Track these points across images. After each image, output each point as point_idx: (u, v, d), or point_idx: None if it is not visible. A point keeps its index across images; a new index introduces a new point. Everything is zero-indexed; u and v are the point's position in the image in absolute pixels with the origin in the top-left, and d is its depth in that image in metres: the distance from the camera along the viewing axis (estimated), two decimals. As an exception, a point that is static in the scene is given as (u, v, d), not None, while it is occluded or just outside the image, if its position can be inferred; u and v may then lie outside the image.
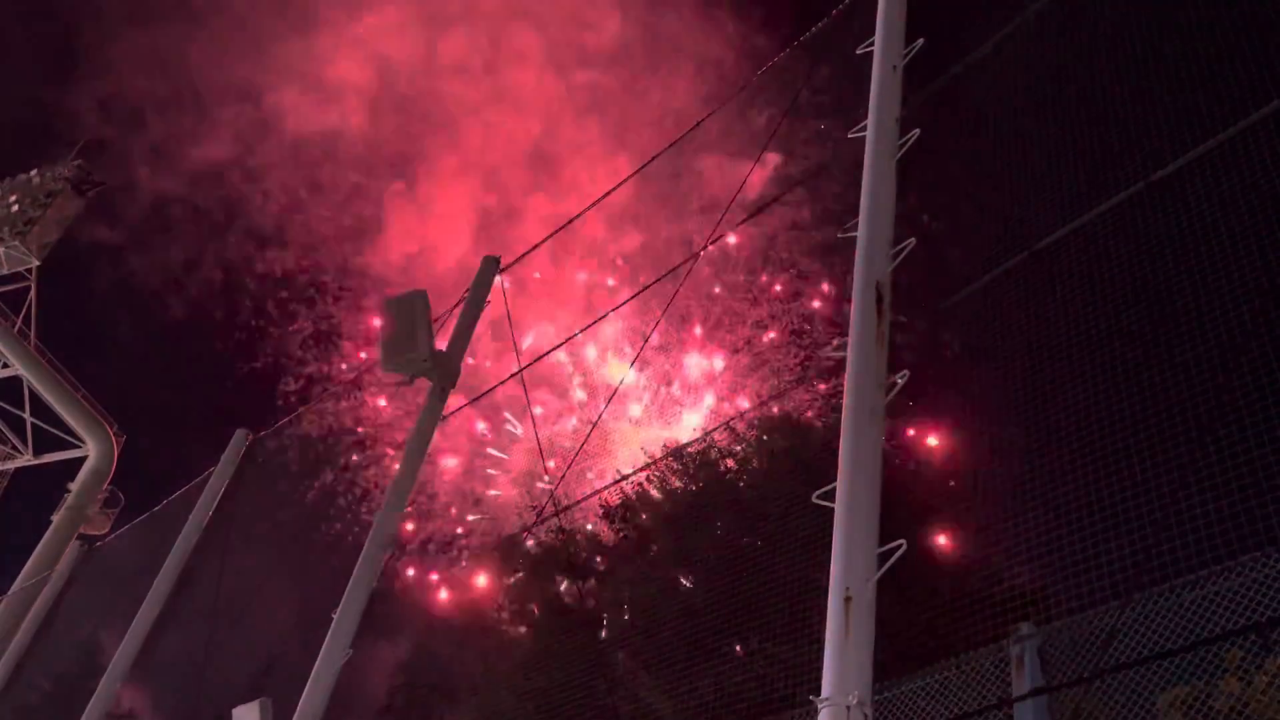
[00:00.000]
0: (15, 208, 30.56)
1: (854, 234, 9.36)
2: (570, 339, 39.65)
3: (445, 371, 15.35)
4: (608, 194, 43.34)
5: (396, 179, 48.65)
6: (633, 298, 40.72)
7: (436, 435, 16.53)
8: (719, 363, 41.44)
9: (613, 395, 40.16)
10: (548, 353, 41.05)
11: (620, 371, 41.66)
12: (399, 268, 46.47)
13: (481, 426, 42.38)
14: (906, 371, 8.72)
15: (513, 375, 41.36)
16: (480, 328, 16.95)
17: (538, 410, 42.38)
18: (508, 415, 42.60)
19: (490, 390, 40.64)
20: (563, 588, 28.08)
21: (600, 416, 40.83)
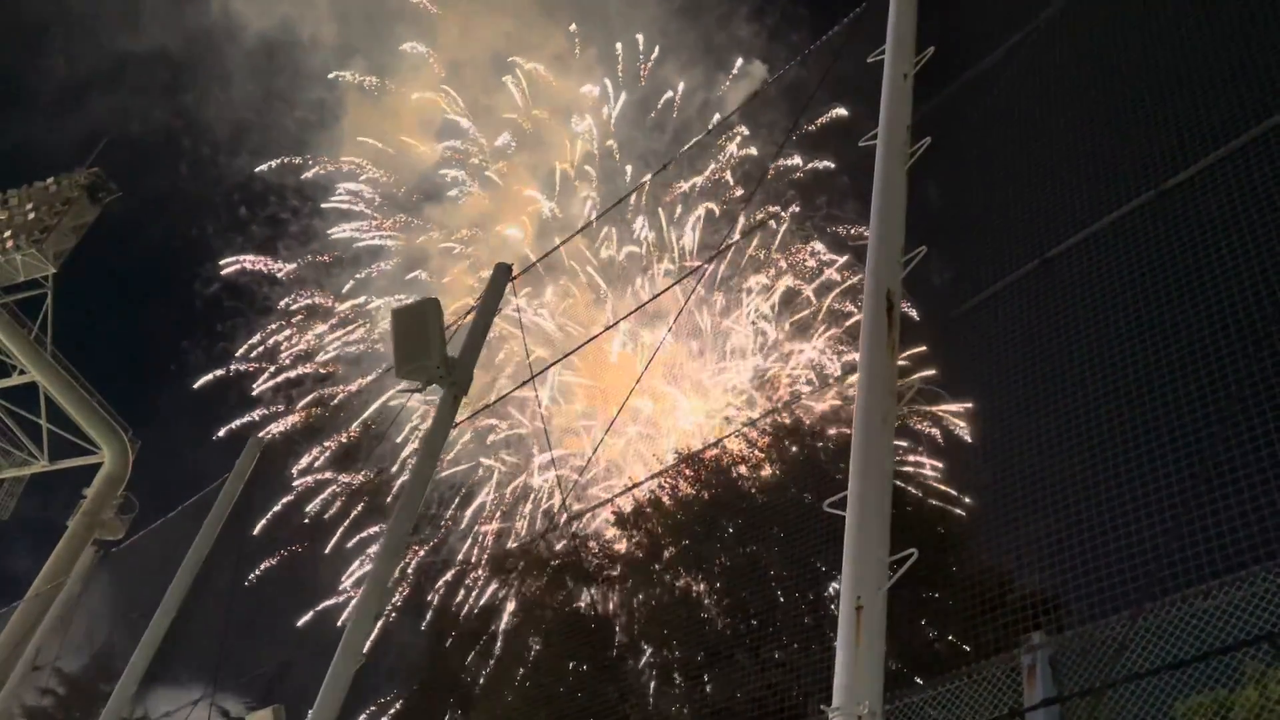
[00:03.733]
0: (32, 215, 30.67)
1: (864, 241, 9.33)
2: (581, 347, 39.65)
3: (458, 380, 15.29)
4: (615, 205, 42.80)
5: (360, 76, 47.41)
6: (647, 303, 40.55)
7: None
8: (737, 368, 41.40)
9: (621, 408, 40.11)
10: (559, 360, 41.07)
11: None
12: (361, 175, 45.61)
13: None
14: (917, 381, 8.67)
15: (525, 383, 41.25)
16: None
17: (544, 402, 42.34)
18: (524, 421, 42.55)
19: (502, 398, 40.63)
20: (575, 594, 28.10)
21: (610, 425, 40.78)
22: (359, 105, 46.54)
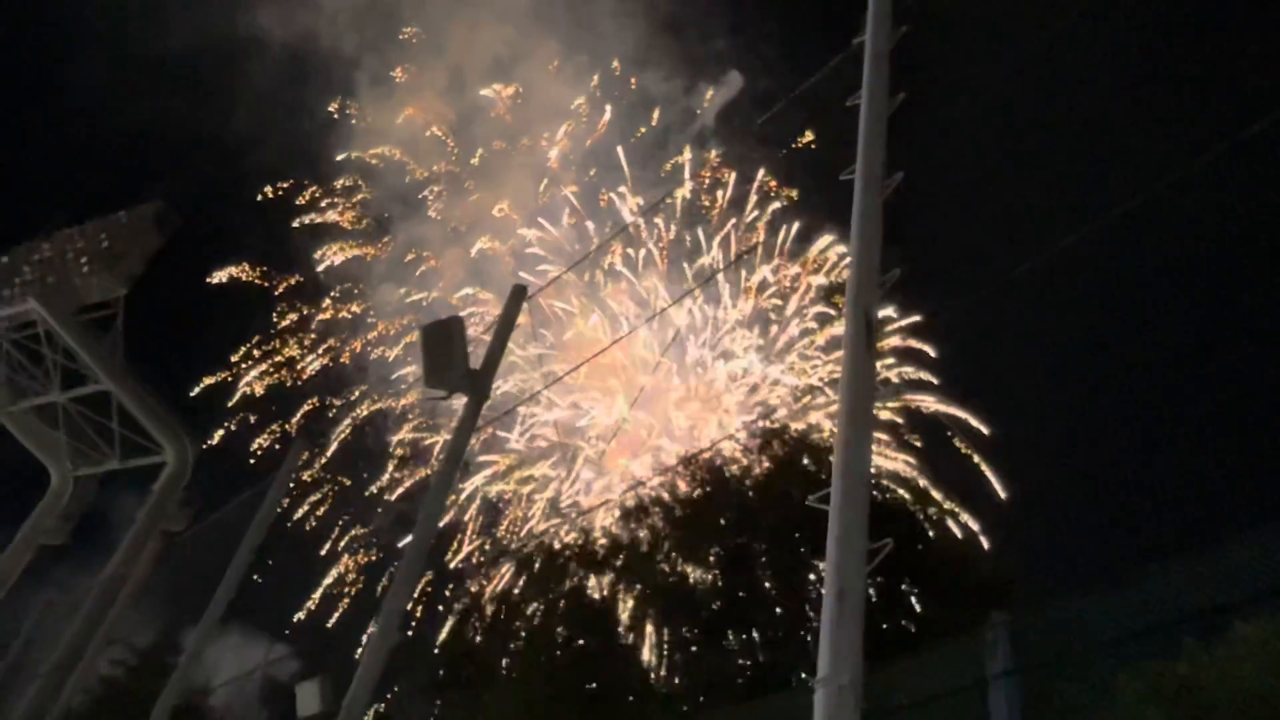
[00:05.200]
0: (105, 244, 31.18)
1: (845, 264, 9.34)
2: (585, 362, 39.55)
3: (479, 389, 15.31)
4: (623, 229, 42.64)
5: (367, 78, 45.73)
6: (646, 322, 40.48)
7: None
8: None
9: (618, 429, 39.98)
10: (569, 371, 41.05)
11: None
12: (356, 195, 44.20)
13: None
14: (893, 386, 8.69)
15: (537, 392, 41.03)
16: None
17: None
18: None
19: (518, 404, 40.50)
20: (585, 581, 28.04)
21: (618, 429, 40.72)
22: (370, 115, 45.41)
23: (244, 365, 43.48)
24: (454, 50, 45.50)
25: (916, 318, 32.71)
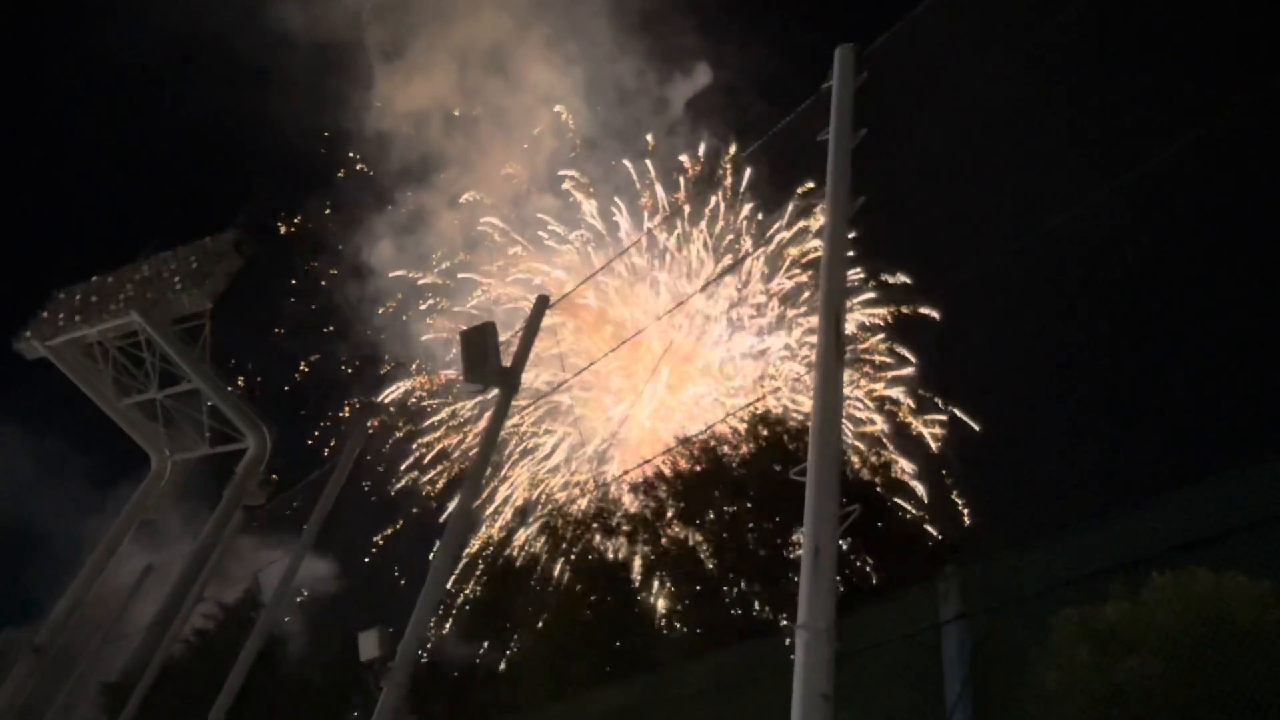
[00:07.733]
0: (195, 265, 31.42)
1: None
2: (592, 364, 39.33)
3: (510, 383, 15.37)
4: (633, 243, 42.29)
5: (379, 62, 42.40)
6: (638, 333, 40.39)
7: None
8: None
9: (629, 411, 39.75)
10: (584, 369, 40.90)
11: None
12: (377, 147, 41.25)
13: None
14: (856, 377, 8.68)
15: (559, 386, 40.99)
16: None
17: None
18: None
19: (545, 395, 40.34)
20: (603, 544, 28.04)
21: (627, 416, 40.59)
22: (364, 131, 42.27)
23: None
24: (454, 50, 42.51)
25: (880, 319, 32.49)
